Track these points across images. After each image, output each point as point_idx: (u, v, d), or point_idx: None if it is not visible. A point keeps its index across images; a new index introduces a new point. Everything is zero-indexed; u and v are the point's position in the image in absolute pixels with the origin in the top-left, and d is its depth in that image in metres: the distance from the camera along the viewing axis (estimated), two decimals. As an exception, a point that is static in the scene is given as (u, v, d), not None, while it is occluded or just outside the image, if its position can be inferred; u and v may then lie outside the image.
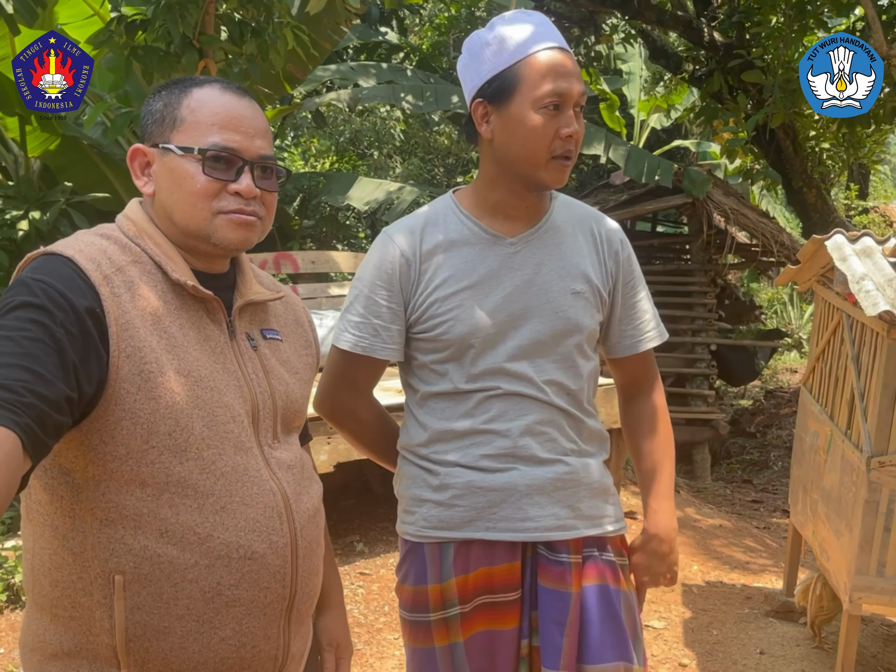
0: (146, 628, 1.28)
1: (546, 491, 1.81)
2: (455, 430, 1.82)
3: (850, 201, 12.43)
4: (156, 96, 1.41)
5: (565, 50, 1.76)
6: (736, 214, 7.38)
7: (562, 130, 1.71)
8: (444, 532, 1.83)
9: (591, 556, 1.86)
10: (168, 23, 4.25)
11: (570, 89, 1.71)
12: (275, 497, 1.36)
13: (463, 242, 1.83)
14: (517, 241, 1.83)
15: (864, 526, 3.03)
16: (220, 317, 1.40)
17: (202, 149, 1.34)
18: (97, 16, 5.45)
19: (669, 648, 3.76)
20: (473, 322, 1.78)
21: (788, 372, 11.16)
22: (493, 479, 1.80)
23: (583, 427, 1.87)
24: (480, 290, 1.80)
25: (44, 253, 1.28)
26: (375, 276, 1.84)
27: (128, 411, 1.25)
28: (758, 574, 4.67)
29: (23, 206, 5.12)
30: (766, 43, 6.94)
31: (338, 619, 1.70)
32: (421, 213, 1.91)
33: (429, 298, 1.81)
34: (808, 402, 3.93)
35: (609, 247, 1.89)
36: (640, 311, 1.93)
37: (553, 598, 1.80)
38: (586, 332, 1.84)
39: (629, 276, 1.91)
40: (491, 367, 1.80)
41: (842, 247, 3.23)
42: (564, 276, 1.83)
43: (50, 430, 1.10)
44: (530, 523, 1.80)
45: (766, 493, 7.12)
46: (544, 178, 1.77)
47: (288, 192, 7.97)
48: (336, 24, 6.10)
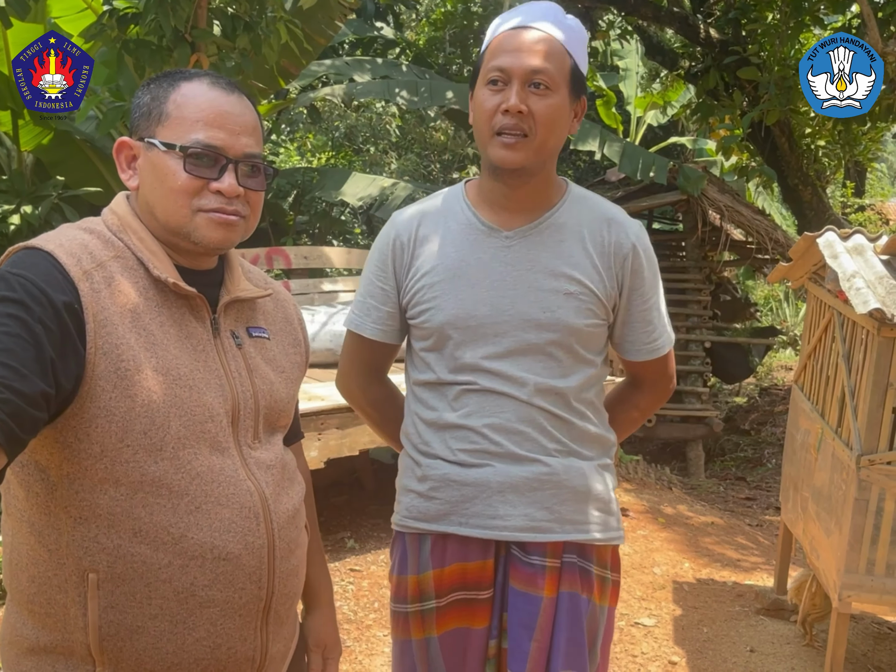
0: (119, 627, 1.27)
1: (520, 490, 1.78)
2: (438, 422, 1.82)
3: (847, 199, 12.44)
4: (144, 89, 1.39)
5: (537, 28, 1.71)
6: (731, 212, 7.37)
7: (501, 105, 1.68)
8: (423, 523, 1.83)
9: (569, 561, 1.81)
10: (160, 16, 4.24)
11: (512, 63, 1.68)
12: (251, 497, 1.35)
13: (458, 231, 1.81)
14: (513, 235, 1.79)
15: (854, 524, 3.03)
16: (204, 314, 1.38)
17: (184, 146, 1.32)
18: (90, 9, 5.42)
19: (659, 646, 3.76)
20: (453, 312, 1.77)
21: (783, 369, 11.16)
22: (467, 474, 1.79)
23: (572, 428, 1.81)
24: (466, 281, 1.78)
25: (24, 247, 1.27)
26: (374, 258, 1.89)
27: (103, 409, 1.24)
28: (749, 572, 4.67)
29: (15, 201, 5.10)
30: (762, 40, 6.93)
31: (326, 620, 1.68)
32: (430, 198, 1.92)
33: (417, 284, 1.81)
34: (799, 399, 3.93)
35: (618, 252, 1.81)
36: (646, 322, 1.86)
37: (523, 601, 1.78)
38: (577, 334, 1.78)
39: (638, 284, 1.83)
40: (470, 361, 1.78)
41: (833, 244, 3.22)
42: (558, 276, 1.77)
43: (26, 425, 1.09)
44: (500, 521, 1.78)
45: (759, 491, 7.12)
46: (492, 156, 1.73)
47: (282, 187, 7.95)
48: (330, 19, 6.09)
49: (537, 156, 1.73)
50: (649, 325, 1.87)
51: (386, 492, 5.38)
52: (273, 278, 7.07)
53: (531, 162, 1.72)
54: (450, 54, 10.27)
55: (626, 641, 3.77)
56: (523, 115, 1.67)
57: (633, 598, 4.20)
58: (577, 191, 1.88)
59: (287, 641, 1.48)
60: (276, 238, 7.65)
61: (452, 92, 7.58)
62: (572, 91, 1.74)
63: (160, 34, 4.36)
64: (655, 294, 1.88)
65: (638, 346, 1.88)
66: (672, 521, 5.33)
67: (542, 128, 1.70)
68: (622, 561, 4.58)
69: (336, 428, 4.22)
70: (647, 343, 1.88)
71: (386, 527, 4.87)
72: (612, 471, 1.93)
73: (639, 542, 4.89)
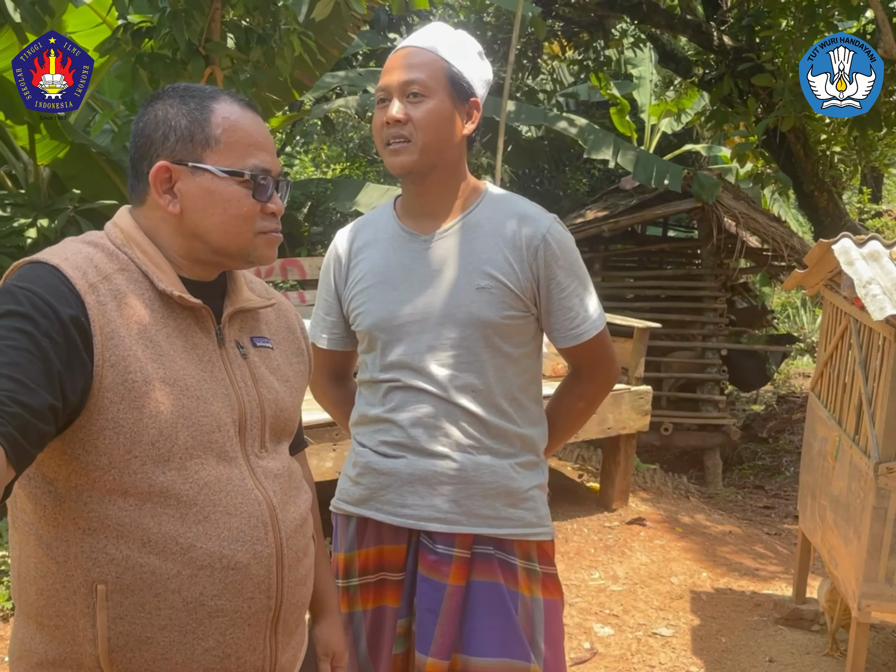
0: (128, 638, 1.27)
1: (428, 482, 1.89)
2: (368, 416, 1.97)
3: (863, 205, 12.36)
4: (177, 112, 1.36)
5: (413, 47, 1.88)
6: (746, 218, 7.34)
7: (384, 118, 1.85)
8: (349, 506, 2.00)
9: (484, 553, 1.91)
10: (174, 30, 4.26)
11: (389, 80, 1.86)
12: (260, 507, 1.35)
13: (385, 240, 1.98)
14: (429, 238, 1.94)
15: (873, 533, 3.00)
16: (209, 325, 1.39)
17: (254, 174, 1.35)
18: (105, 24, 5.47)
19: (678, 656, 3.73)
20: (379, 314, 1.93)
21: (801, 377, 11.09)
22: (383, 464, 1.93)
23: (489, 426, 1.91)
24: (390, 285, 1.93)
25: (30, 261, 1.28)
26: (321, 272, 2.09)
27: (111, 420, 1.24)
28: (767, 581, 4.63)
29: (31, 214, 5.14)
30: (776, 46, 6.91)
31: (334, 628, 1.69)
32: (368, 213, 2.15)
33: (352, 292, 1.99)
34: (816, 407, 3.90)
35: (529, 245, 1.90)
36: (567, 308, 1.94)
37: (428, 587, 1.90)
38: (492, 327, 1.88)
39: (553, 274, 1.91)
40: (397, 359, 1.91)
41: (849, 251, 3.20)
42: (471, 272, 1.89)
43: (34, 439, 1.10)
44: (408, 510, 1.90)
45: (777, 499, 7.07)
46: (387, 164, 1.91)
47: (296, 198, 7.98)
48: (343, 31, 6.12)
49: (423, 157, 1.86)
50: (570, 312, 1.95)
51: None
52: (288, 289, 7.04)
53: (418, 164, 1.86)
54: (463, 64, 10.28)
55: (643, 652, 3.75)
56: (402, 123, 1.84)
57: (651, 608, 4.17)
58: (494, 192, 2.01)
59: (296, 651, 1.49)
60: (291, 249, 7.67)
61: (466, 102, 7.57)
62: (453, 94, 1.88)
63: (174, 48, 4.38)
64: (574, 281, 1.95)
65: (563, 333, 1.96)
66: (689, 530, 5.30)
67: (422, 130, 1.84)
68: (639, 570, 4.59)
69: (351, 438, 4.22)
70: (571, 329, 1.96)
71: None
72: (538, 468, 2.00)
73: (656, 551, 4.86)
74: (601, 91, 9.49)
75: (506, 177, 9.61)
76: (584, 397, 2.07)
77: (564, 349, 2.00)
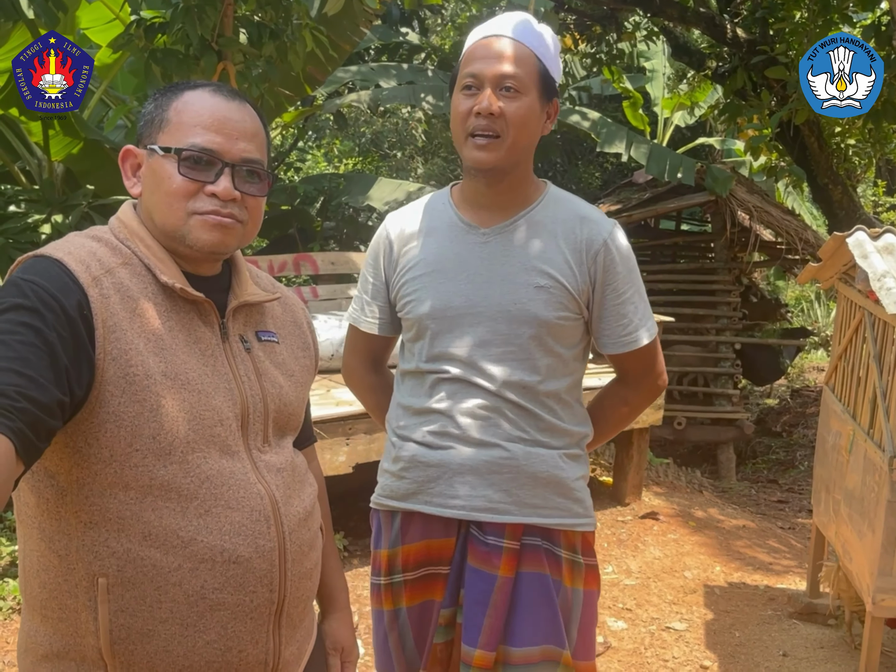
0: (130, 631, 1.28)
1: (479, 472, 1.88)
2: (413, 408, 1.95)
3: (878, 198, 12.29)
4: (151, 99, 1.41)
5: (507, 36, 1.83)
6: (760, 212, 7.30)
7: (474, 107, 1.79)
8: (393, 501, 1.97)
9: (533, 544, 1.90)
10: (187, 26, 4.27)
11: (483, 69, 1.80)
12: (262, 500, 1.36)
13: (440, 229, 1.94)
14: (489, 232, 1.90)
15: (887, 527, 2.98)
16: (213, 319, 1.39)
17: (179, 148, 1.34)
18: (118, 20, 5.48)
19: (691, 650, 3.73)
20: (430, 304, 1.90)
21: (815, 371, 11.04)
22: (431, 455, 1.91)
23: (538, 420, 1.90)
24: (444, 275, 1.90)
25: (34, 255, 1.29)
26: (368, 256, 2.05)
27: (112, 414, 1.24)
28: (781, 575, 4.62)
29: (45, 210, 5.16)
30: (790, 39, 6.86)
31: (343, 623, 1.69)
32: (419, 200, 2.06)
33: (402, 279, 1.95)
34: (830, 401, 3.88)
35: (589, 248, 1.89)
36: (620, 315, 1.93)
37: (477, 579, 1.88)
38: (546, 326, 1.87)
39: (611, 279, 1.91)
40: (445, 351, 1.90)
41: (863, 244, 3.18)
42: (529, 270, 1.87)
43: (42, 434, 1.11)
44: (459, 501, 1.89)
45: (791, 493, 7.04)
46: (467, 157, 1.85)
47: (309, 193, 7.98)
48: (355, 25, 6.10)
49: (509, 155, 1.83)
50: (624, 319, 1.94)
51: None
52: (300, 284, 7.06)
53: (504, 161, 1.83)
54: (475, 58, 10.25)
55: (657, 646, 3.75)
56: (495, 117, 1.79)
57: (664, 603, 4.17)
58: (556, 192, 1.98)
59: (301, 644, 1.49)
60: (304, 244, 7.68)
61: (478, 96, 7.56)
62: (542, 94, 1.85)
63: (187, 43, 4.39)
64: (631, 288, 1.94)
65: (613, 340, 1.95)
66: (703, 524, 5.28)
67: (513, 128, 1.81)
68: (652, 564, 4.57)
69: (364, 433, 4.22)
70: (623, 336, 1.95)
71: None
72: (582, 460, 2.00)
73: (669, 545, 4.86)
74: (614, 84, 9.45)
75: (518, 171, 9.57)
76: (629, 403, 2.08)
77: (613, 355, 1.99)
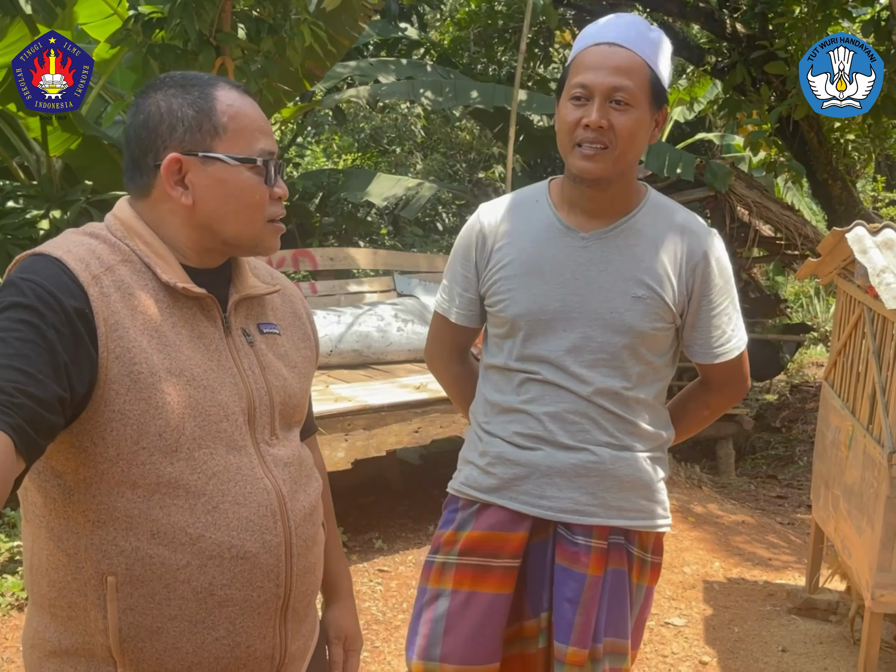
0: (139, 629, 1.28)
1: (567, 475, 1.90)
2: (500, 405, 1.96)
3: (877, 193, 12.28)
4: (173, 101, 1.33)
5: (619, 45, 1.80)
6: (759, 207, 7.29)
7: (583, 119, 1.78)
8: (477, 493, 1.98)
9: (617, 542, 1.94)
10: (185, 21, 4.26)
11: (594, 81, 1.78)
12: (269, 496, 1.35)
13: (538, 229, 1.93)
14: (589, 237, 1.89)
15: (886, 522, 2.99)
16: (215, 313, 1.38)
17: (265, 160, 1.35)
18: (116, 15, 5.47)
19: (690, 646, 3.73)
20: (526, 305, 1.89)
21: (815, 366, 11.03)
22: (519, 455, 1.93)
23: (627, 424, 1.92)
24: (541, 277, 1.89)
25: (32, 254, 1.28)
26: (459, 246, 2.03)
27: (117, 412, 1.24)
28: (780, 571, 4.62)
29: (44, 206, 5.16)
30: (790, 34, 6.85)
31: (346, 611, 1.69)
32: (514, 194, 2.05)
33: (495, 275, 1.94)
34: (829, 396, 3.88)
35: (689, 260, 1.89)
36: (714, 326, 1.94)
37: (566, 577, 1.91)
38: (641, 337, 1.87)
39: (708, 291, 1.91)
40: (536, 352, 1.90)
41: (862, 239, 3.18)
42: (628, 279, 1.86)
43: (43, 430, 1.10)
44: (546, 502, 1.91)
45: (790, 489, 7.04)
46: (572, 166, 1.84)
47: (308, 189, 7.97)
48: (354, 21, 6.09)
49: (616, 167, 1.82)
50: (717, 330, 1.95)
51: (414, 492, 5.39)
52: (300, 280, 7.05)
53: (610, 172, 1.82)
54: (474, 54, 10.23)
55: (656, 641, 3.75)
56: (604, 130, 1.78)
57: (664, 598, 4.16)
58: (656, 198, 1.96)
59: (307, 639, 1.49)
60: (303, 240, 7.68)
61: (477, 91, 7.55)
62: (652, 103, 1.83)
63: (185, 38, 4.38)
64: (726, 300, 1.95)
65: (705, 350, 1.97)
66: (702, 520, 5.28)
67: (623, 141, 1.79)
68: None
69: (363, 429, 4.22)
70: (715, 347, 1.96)
71: (415, 527, 4.89)
72: (664, 462, 2.02)
73: (668, 541, 4.85)
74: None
75: (517, 167, 9.58)
76: (711, 407, 2.09)
77: (703, 364, 2.00)
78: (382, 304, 5.45)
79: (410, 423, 4.39)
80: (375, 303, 5.52)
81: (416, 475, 5.72)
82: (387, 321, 5.21)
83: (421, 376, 4.81)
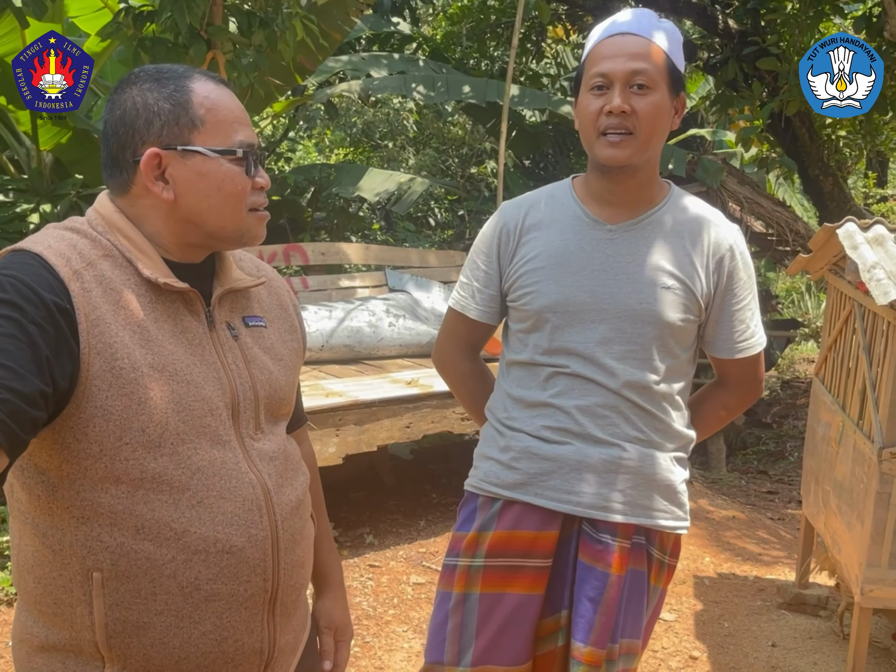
0: (126, 624, 1.27)
1: (596, 470, 1.88)
2: (526, 400, 1.93)
3: (868, 189, 12.30)
4: (148, 96, 1.32)
5: (633, 34, 1.82)
6: (751, 203, 7.32)
7: (605, 107, 1.79)
8: (498, 489, 1.95)
9: (639, 542, 1.92)
10: (175, 14, 4.24)
11: (612, 68, 1.79)
12: (254, 490, 1.35)
13: (564, 222, 1.93)
14: (616, 229, 1.90)
15: (876, 518, 2.99)
16: (198, 307, 1.37)
17: (245, 151, 1.34)
18: (107, 8, 5.44)
19: (680, 641, 3.74)
20: (553, 297, 1.88)
21: (805, 362, 11.06)
22: (548, 449, 1.90)
23: (655, 420, 1.91)
24: (568, 269, 1.88)
25: (12, 249, 1.27)
26: (481, 243, 2.02)
27: (100, 408, 1.23)
28: (770, 566, 4.64)
29: (34, 199, 5.13)
30: (782, 30, 6.86)
31: (336, 601, 1.69)
32: (539, 190, 2.04)
33: (521, 269, 1.93)
34: (820, 392, 3.89)
35: (715, 253, 1.90)
36: (739, 321, 1.95)
37: (589, 575, 1.88)
38: (670, 328, 1.87)
39: (732, 285, 1.92)
40: (565, 345, 1.89)
41: (853, 235, 3.18)
42: (656, 270, 1.87)
43: (26, 425, 1.10)
44: (574, 497, 1.88)
45: (781, 484, 7.06)
46: (599, 155, 1.84)
47: (299, 183, 7.95)
48: (346, 15, 6.07)
49: (642, 151, 1.83)
50: (741, 325, 1.96)
51: (405, 487, 5.39)
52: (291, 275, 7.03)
53: (636, 158, 1.82)
54: (467, 49, 10.22)
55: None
56: (627, 115, 1.78)
57: (654, 593, 4.17)
58: (679, 193, 1.97)
59: (297, 633, 1.49)
60: (294, 235, 7.66)
61: (469, 86, 7.55)
62: (671, 88, 1.84)
63: (176, 32, 4.36)
64: (749, 295, 1.96)
65: (728, 345, 1.97)
66: (693, 515, 5.25)
67: (646, 124, 1.80)
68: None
69: (354, 424, 4.22)
70: (737, 342, 1.96)
71: (406, 522, 4.89)
72: (686, 464, 2.02)
73: (659, 536, 4.86)
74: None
75: (510, 162, 9.57)
76: (727, 407, 2.10)
77: (724, 360, 2.00)
78: (374, 299, 5.44)
79: (402, 419, 4.38)
80: (367, 298, 5.50)
81: (407, 470, 5.72)
82: (378, 316, 5.20)
83: (412, 371, 4.80)
